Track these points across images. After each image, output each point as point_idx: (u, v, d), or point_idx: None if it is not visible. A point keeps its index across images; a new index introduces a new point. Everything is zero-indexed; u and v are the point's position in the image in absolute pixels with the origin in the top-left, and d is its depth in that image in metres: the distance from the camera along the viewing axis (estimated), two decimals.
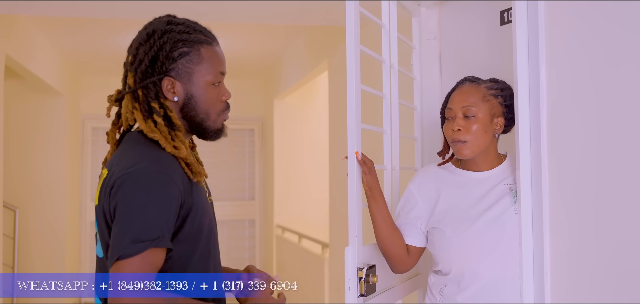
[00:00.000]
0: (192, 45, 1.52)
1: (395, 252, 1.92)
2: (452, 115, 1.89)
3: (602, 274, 1.61)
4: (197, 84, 1.52)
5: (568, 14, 1.70)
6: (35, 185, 6.36)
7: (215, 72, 1.55)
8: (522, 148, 1.77)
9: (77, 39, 5.90)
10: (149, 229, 1.33)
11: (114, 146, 1.56)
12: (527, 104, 1.77)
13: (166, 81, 1.50)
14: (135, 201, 1.35)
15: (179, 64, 1.50)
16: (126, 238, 1.32)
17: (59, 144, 6.49)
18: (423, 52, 2.42)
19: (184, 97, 1.52)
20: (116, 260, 1.31)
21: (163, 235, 1.35)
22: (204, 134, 1.57)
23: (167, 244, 1.36)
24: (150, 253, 1.33)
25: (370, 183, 1.89)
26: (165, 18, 1.55)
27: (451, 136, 1.88)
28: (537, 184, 1.74)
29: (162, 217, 1.36)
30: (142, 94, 1.49)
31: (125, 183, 1.36)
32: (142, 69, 1.49)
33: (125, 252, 1.31)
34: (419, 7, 2.41)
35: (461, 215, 1.87)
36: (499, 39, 2.25)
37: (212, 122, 1.56)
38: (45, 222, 6.37)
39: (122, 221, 1.34)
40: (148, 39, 1.51)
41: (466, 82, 1.92)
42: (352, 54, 1.86)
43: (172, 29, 1.51)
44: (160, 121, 1.47)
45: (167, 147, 1.45)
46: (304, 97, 7.13)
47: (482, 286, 1.84)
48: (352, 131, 1.86)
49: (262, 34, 5.87)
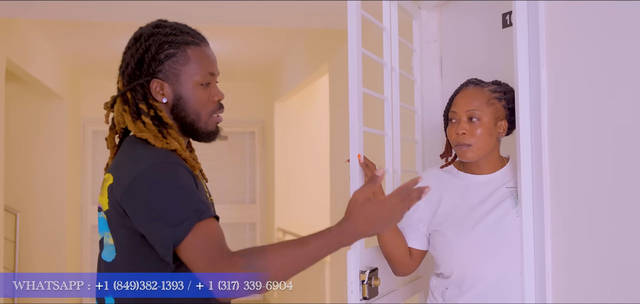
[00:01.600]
0: (179, 47, 1.53)
1: (398, 255, 1.91)
2: (456, 118, 1.88)
3: (604, 276, 1.61)
4: (185, 84, 1.53)
5: (569, 17, 1.70)
6: (36, 189, 6.36)
7: (204, 73, 1.55)
8: (523, 151, 1.77)
9: (77, 43, 5.90)
10: (184, 209, 1.34)
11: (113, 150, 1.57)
12: (528, 107, 1.77)
13: (154, 82, 1.51)
14: (158, 196, 1.36)
15: (165, 66, 1.51)
16: (166, 232, 1.33)
17: (60, 148, 6.49)
18: (424, 55, 2.42)
19: (173, 98, 1.53)
20: (173, 248, 1.33)
21: (201, 208, 1.36)
22: (196, 135, 1.58)
23: (210, 213, 1.37)
24: (199, 226, 1.33)
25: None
26: (154, 22, 1.57)
27: (455, 140, 1.87)
28: (538, 186, 1.74)
29: (192, 196, 1.37)
30: (130, 96, 1.51)
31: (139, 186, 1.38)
32: (129, 72, 1.51)
33: (175, 238, 1.32)
34: (419, 9, 2.41)
35: (463, 218, 1.87)
36: (500, 41, 2.25)
37: (203, 123, 1.56)
38: (46, 226, 6.36)
39: (156, 219, 1.35)
40: (135, 43, 1.53)
41: (470, 85, 1.91)
42: (354, 56, 1.86)
43: (159, 32, 1.53)
44: (149, 120, 1.48)
45: (156, 143, 1.45)
46: (304, 100, 7.13)
47: (484, 289, 1.84)
48: (354, 134, 1.86)
49: (263, 37, 5.87)
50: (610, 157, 1.60)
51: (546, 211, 1.73)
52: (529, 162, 1.76)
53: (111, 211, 1.44)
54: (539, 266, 1.75)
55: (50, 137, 6.45)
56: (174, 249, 1.34)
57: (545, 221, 1.73)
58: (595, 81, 1.63)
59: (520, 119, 1.78)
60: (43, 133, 6.42)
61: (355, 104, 1.85)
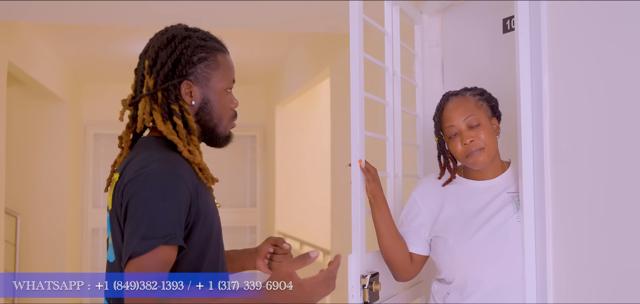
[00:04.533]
0: (210, 52, 1.57)
1: (399, 260, 1.91)
2: (455, 131, 1.87)
3: (605, 282, 1.61)
4: (213, 89, 1.56)
5: (571, 22, 1.70)
6: (37, 192, 6.35)
7: (228, 79, 1.59)
8: (525, 156, 1.77)
9: (79, 46, 5.90)
10: (159, 226, 1.34)
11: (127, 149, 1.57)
12: (529, 112, 1.77)
13: (185, 84, 1.53)
14: (145, 200, 1.36)
15: (198, 69, 1.54)
16: (136, 237, 1.32)
17: (61, 151, 6.49)
18: (425, 59, 2.42)
19: (200, 101, 1.55)
20: (128, 260, 1.32)
21: (174, 232, 1.35)
22: (214, 140, 1.60)
23: (178, 241, 1.36)
24: (161, 250, 1.33)
25: (374, 191, 1.89)
26: (182, 26, 1.60)
27: (464, 150, 1.86)
28: (539, 192, 1.74)
29: (173, 215, 1.37)
30: (161, 96, 1.52)
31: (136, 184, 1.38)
32: (164, 72, 1.52)
33: (135, 250, 1.31)
34: (421, 14, 2.41)
35: (464, 224, 1.86)
36: (501, 46, 2.25)
37: (223, 128, 1.60)
38: (46, 228, 6.36)
39: (133, 220, 1.35)
40: (168, 44, 1.54)
41: (451, 97, 1.91)
42: (356, 61, 1.86)
43: (191, 35, 1.56)
44: (180, 123, 1.50)
45: (183, 151, 1.47)
46: (305, 104, 7.13)
47: (486, 294, 1.83)
48: (356, 139, 1.86)
49: (264, 41, 5.87)
50: (612, 162, 1.60)
51: (547, 217, 1.72)
52: (530, 168, 1.76)
53: (113, 210, 1.45)
54: (540, 271, 1.74)
55: (52, 140, 6.45)
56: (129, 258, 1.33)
57: (546, 226, 1.72)
58: (597, 86, 1.63)
59: (521, 123, 1.77)
60: (44, 136, 6.42)
61: (357, 109, 1.85)
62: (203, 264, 1.47)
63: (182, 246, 1.39)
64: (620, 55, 1.58)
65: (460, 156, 1.87)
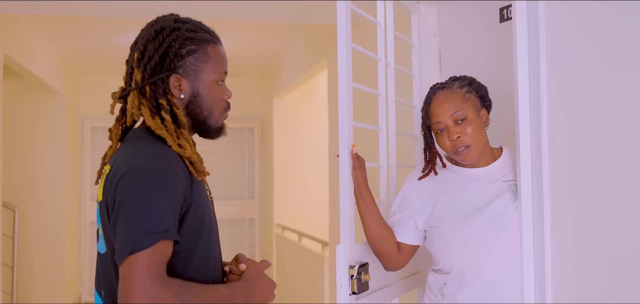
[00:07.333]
0: (200, 44, 1.53)
1: (386, 249, 1.91)
2: (441, 127, 1.87)
3: (603, 271, 1.61)
4: (203, 81, 1.53)
5: (568, 11, 1.70)
6: (35, 185, 6.35)
7: (220, 71, 1.56)
8: (523, 146, 1.77)
9: (76, 39, 5.89)
10: (159, 220, 1.33)
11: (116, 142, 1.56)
12: (527, 102, 1.76)
13: (173, 78, 1.51)
14: (142, 194, 1.34)
15: (186, 62, 1.51)
16: (137, 231, 1.31)
17: (58, 144, 6.48)
18: (422, 50, 2.41)
19: (190, 94, 1.53)
20: (129, 254, 1.30)
21: (171, 227, 1.35)
22: (206, 132, 1.58)
23: (175, 236, 1.36)
24: (162, 245, 1.33)
25: (358, 179, 1.87)
26: (172, 16, 1.56)
27: (451, 146, 1.85)
28: (537, 182, 1.74)
29: (169, 210, 1.36)
30: (149, 90, 1.49)
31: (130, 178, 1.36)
32: (151, 66, 1.49)
33: (138, 245, 1.30)
34: (418, 5, 2.41)
35: (461, 213, 1.86)
36: (499, 36, 2.25)
37: (214, 121, 1.57)
38: (44, 221, 6.36)
39: (129, 215, 1.34)
40: (156, 36, 1.51)
41: (438, 91, 1.90)
42: (343, 51, 1.85)
43: (180, 27, 1.53)
44: (168, 117, 1.48)
45: (172, 145, 1.45)
46: (303, 95, 7.13)
47: (483, 285, 1.83)
48: (344, 129, 1.85)
49: (261, 33, 5.86)
50: (610, 152, 1.59)
51: (546, 206, 1.72)
52: (528, 157, 1.76)
53: (103, 202, 1.44)
54: (538, 261, 1.74)
55: (49, 134, 6.44)
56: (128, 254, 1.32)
57: (544, 216, 1.72)
58: (596, 75, 1.63)
59: (519, 114, 1.77)
60: (41, 129, 6.41)
61: (345, 98, 1.84)
62: (193, 256, 1.45)
63: (177, 240, 1.39)
64: (619, 41, 1.58)
65: (449, 151, 1.87)
